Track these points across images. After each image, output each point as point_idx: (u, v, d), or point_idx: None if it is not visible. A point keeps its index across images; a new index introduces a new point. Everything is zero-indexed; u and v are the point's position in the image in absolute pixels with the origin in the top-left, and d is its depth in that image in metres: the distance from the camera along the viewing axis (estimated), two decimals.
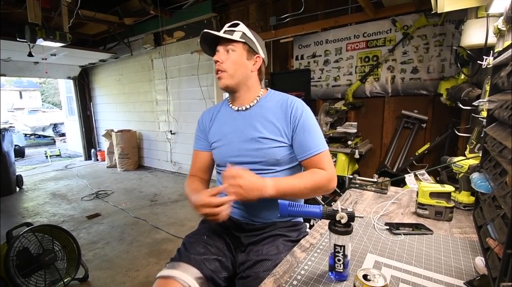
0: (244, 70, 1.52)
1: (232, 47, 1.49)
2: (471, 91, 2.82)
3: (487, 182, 1.21)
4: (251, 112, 1.56)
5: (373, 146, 4.45)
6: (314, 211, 1.04)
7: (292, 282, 1.03)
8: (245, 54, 1.52)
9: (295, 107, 1.49)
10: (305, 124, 1.46)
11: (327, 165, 1.45)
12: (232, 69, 1.49)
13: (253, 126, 1.51)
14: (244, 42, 1.50)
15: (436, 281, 1.00)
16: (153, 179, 7.08)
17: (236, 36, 1.48)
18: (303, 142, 1.46)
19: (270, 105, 1.55)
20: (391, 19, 4.05)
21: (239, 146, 1.52)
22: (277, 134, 1.47)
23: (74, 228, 4.30)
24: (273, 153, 1.46)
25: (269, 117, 1.51)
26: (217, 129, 1.63)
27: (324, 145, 1.47)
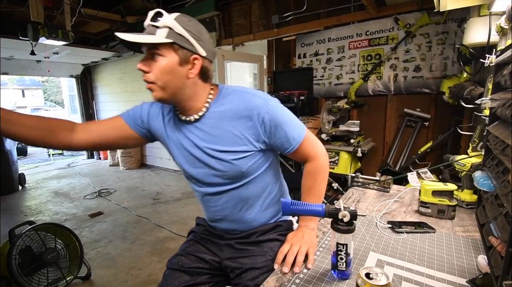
0: (178, 80, 1.18)
1: (157, 52, 1.14)
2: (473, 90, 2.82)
3: (489, 181, 1.21)
4: (201, 124, 1.29)
5: (376, 145, 4.45)
6: (316, 210, 1.04)
7: (295, 281, 1.03)
8: (177, 58, 1.15)
9: (257, 108, 1.22)
10: (275, 124, 1.23)
11: (314, 149, 1.35)
12: (161, 80, 1.17)
13: (207, 140, 1.28)
14: (173, 42, 1.13)
15: (439, 280, 1.00)
16: (155, 177, 7.09)
17: (160, 35, 1.12)
18: (281, 141, 1.27)
19: (224, 110, 1.27)
20: (393, 17, 4.04)
21: (199, 162, 1.32)
22: (239, 143, 1.26)
23: (77, 226, 4.31)
24: (236, 168, 1.27)
25: (224, 126, 1.26)
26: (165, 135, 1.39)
27: (302, 129, 1.30)
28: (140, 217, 4.62)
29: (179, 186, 6.18)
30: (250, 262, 1.30)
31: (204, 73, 1.24)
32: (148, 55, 1.16)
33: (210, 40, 1.27)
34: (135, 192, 5.99)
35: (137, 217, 4.63)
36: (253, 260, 1.31)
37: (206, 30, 1.25)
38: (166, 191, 5.92)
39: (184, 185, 6.20)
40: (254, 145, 1.27)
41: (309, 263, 1.14)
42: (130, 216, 4.69)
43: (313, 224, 1.32)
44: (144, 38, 1.11)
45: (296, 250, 1.18)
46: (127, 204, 5.21)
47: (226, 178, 1.31)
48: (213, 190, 1.35)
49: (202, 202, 1.45)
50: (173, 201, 5.33)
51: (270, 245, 1.36)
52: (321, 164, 1.36)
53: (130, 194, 5.89)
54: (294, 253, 1.17)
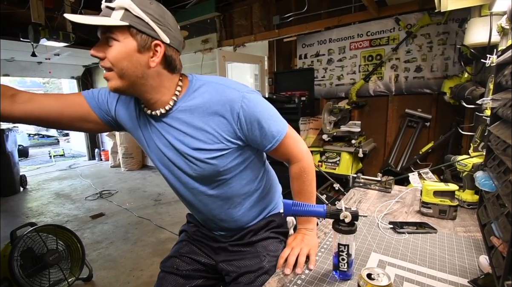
0: (137, 68, 1.03)
1: (112, 36, 0.99)
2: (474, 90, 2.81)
3: (491, 181, 1.21)
4: (170, 119, 1.16)
5: (377, 145, 4.44)
6: (318, 211, 1.04)
7: (297, 282, 1.04)
8: (134, 44, 1.01)
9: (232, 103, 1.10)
10: (252, 119, 1.11)
11: (296, 148, 1.25)
12: (118, 67, 1.02)
13: (178, 137, 1.16)
14: (129, 25, 0.98)
15: (440, 280, 1.00)
16: (157, 178, 7.09)
17: (115, 17, 0.97)
18: (261, 137, 1.15)
19: (195, 104, 1.13)
20: (394, 18, 4.04)
21: (171, 161, 1.21)
22: (213, 141, 1.14)
23: (78, 228, 4.32)
24: (211, 168, 1.17)
25: (196, 123, 1.13)
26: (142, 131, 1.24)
27: (283, 126, 1.19)
28: (141, 218, 4.62)
29: None
30: (245, 265, 1.28)
31: (169, 62, 1.09)
32: (103, 40, 1.02)
33: (177, 27, 1.12)
34: (136, 193, 5.99)
35: (138, 218, 4.64)
36: (248, 262, 1.29)
37: (171, 15, 1.10)
38: (167, 192, 5.92)
39: None
40: (230, 142, 1.15)
41: (311, 264, 1.14)
42: (132, 217, 4.69)
43: (311, 225, 1.31)
44: (96, 20, 0.96)
45: (297, 251, 1.18)
46: (128, 205, 5.21)
47: (203, 179, 1.21)
48: (193, 193, 1.26)
49: (186, 204, 1.38)
50: (174, 202, 5.33)
51: (264, 244, 1.34)
52: (306, 165, 1.27)
53: (132, 195, 5.89)
54: (296, 255, 1.17)
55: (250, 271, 1.25)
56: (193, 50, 6.35)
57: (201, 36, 6.12)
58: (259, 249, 1.32)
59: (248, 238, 1.35)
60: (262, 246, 1.33)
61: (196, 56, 6.32)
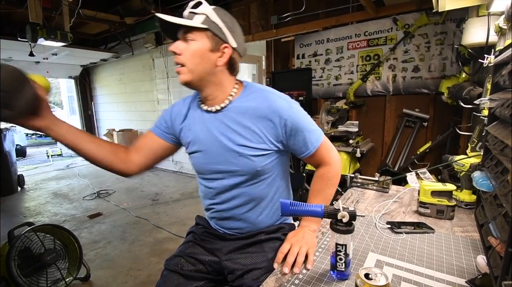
0: (207, 65, 1.23)
1: (191, 36, 1.20)
2: (472, 90, 2.82)
3: (488, 181, 1.21)
4: (222, 116, 1.31)
5: (375, 145, 4.45)
6: (315, 210, 1.04)
7: (294, 281, 1.03)
8: (208, 44, 1.21)
9: (281, 111, 1.25)
10: (296, 127, 1.26)
11: (329, 155, 1.37)
12: (191, 62, 1.22)
13: (227, 133, 1.29)
14: (207, 28, 1.20)
15: (438, 280, 1.00)
16: (154, 178, 7.08)
17: (197, 21, 1.19)
18: (299, 144, 1.30)
19: (247, 107, 1.29)
20: (392, 17, 4.05)
21: (215, 154, 1.32)
22: (258, 141, 1.28)
23: (76, 227, 4.31)
24: (250, 165, 1.29)
25: (245, 122, 1.28)
26: (188, 131, 1.40)
27: (320, 135, 1.33)
28: (139, 218, 4.61)
29: (178, 187, 6.17)
30: (251, 263, 1.30)
31: (232, 64, 1.29)
32: (182, 39, 1.23)
33: (243, 37, 1.34)
34: (134, 193, 5.98)
35: (136, 218, 4.63)
36: (254, 260, 1.31)
37: (239, 26, 1.33)
38: (165, 192, 5.92)
39: (183, 186, 6.20)
40: (272, 144, 1.29)
41: (309, 264, 1.14)
42: (129, 217, 4.68)
43: (315, 226, 1.32)
44: (182, 20, 1.19)
45: (296, 250, 1.18)
46: (126, 205, 5.21)
47: (240, 175, 1.31)
48: (225, 185, 1.35)
49: (209, 199, 1.44)
50: (172, 202, 5.33)
51: (271, 245, 1.37)
52: (334, 169, 1.37)
53: (129, 195, 5.88)
54: (295, 254, 1.17)
55: (256, 268, 1.27)
56: None
57: None
58: (266, 249, 1.35)
59: (255, 238, 1.39)
60: (269, 246, 1.36)
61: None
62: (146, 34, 6.79)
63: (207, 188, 1.42)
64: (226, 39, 1.24)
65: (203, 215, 1.60)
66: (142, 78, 7.82)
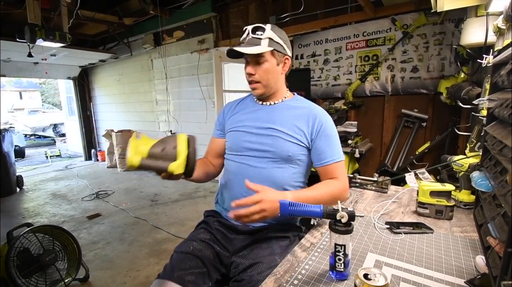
0: (276, 76, 1.52)
1: (262, 59, 1.46)
2: (471, 90, 2.82)
3: (487, 181, 1.21)
4: (274, 107, 1.58)
5: (373, 145, 4.45)
6: (314, 211, 1.04)
7: (293, 282, 1.03)
8: (275, 61, 1.49)
9: (319, 116, 1.51)
10: (326, 132, 1.49)
11: (342, 175, 1.48)
12: (265, 78, 1.49)
13: (272, 118, 1.53)
14: (273, 49, 1.46)
15: (437, 280, 1.00)
16: (153, 179, 7.07)
17: (264, 45, 1.44)
18: (322, 149, 1.48)
19: (295, 106, 1.57)
20: (390, 18, 4.05)
21: (253, 132, 1.53)
22: (295, 131, 1.48)
23: (75, 228, 4.30)
24: (286, 147, 1.47)
25: (290, 116, 1.52)
26: (236, 118, 1.64)
27: (341, 155, 1.51)
28: (138, 218, 4.61)
29: (177, 188, 6.16)
30: (257, 256, 1.34)
31: (288, 68, 1.59)
32: (253, 61, 1.48)
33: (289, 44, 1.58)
34: (133, 194, 5.97)
35: (135, 218, 4.62)
36: (260, 255, 1.35)
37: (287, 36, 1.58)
38: (164, 193, 5.91)
39: (182, 187, 6.20)
40: (305, 138, 1.49)
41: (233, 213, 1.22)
42: (128, 217, 4.68)
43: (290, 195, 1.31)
44: (254, 49, 1.43)
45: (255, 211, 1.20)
46: (125, 206, 5.20)
47: (272, 155, 1.48)
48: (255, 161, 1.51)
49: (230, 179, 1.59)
50: (171, 202, 5.33)
51: (281, 243, 1.42)
52: (342, 187, 1.46)
53: (128, 195, 5.87)
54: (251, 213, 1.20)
55: (262, 262, 1.30)
56: (189, 50, 6.35)
57: (197, 37, 6.11)
58: (274, 246, 1.39)
59: (265, 234, 1.47)
60: (278, 245, 1.40)
61: (193, 57, 6.32)
62: (145, 34, 6.78)
63: (234, 163, 1.58)
64: (286, 52, 1.52)
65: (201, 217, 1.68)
66: (141, 78, 7.81)
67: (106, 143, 8.41)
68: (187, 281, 1.31)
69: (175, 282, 1.31)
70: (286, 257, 1.20)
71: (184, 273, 1.34)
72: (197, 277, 1.35)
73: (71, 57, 7.61)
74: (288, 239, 1.46)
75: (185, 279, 1.32)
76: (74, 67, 9.04)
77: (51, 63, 8.06)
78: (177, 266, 1.37)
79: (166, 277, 1.34)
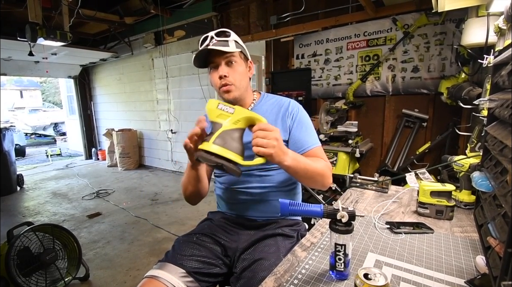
0: (245, 79, 1.52)
1: (234, 59, 1.45)
2: (471, 90, 2.82)
3: (487, 181, 1.21)
4: None
5: (374, 145, 4.45)
6: (315, 210, 1.04)
7: (293, 281, 1.03)
8: (244, 63, 1.51)
9: (291, 106, 1.56)
10: (301, 121, 1.53)
11: (324, 157, 1.50)
12: (238, 80, 1.46)
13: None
14: (240, 51, 1.48)
15: (437, 280, 1.00)
16: (154, 178, 7.09)
17: (232, 46, 1.43)
18: (299, 137, 1.50)
19: (266, 108, 1.58)
20: (391, 18, 4.04)
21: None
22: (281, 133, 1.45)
23: (75, 227, 4.31)
24: None
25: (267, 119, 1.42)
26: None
27: (318, 141, 1.53)
28: (138, 218, 4.62)
29: (177, 187, 6.17)
30: (262, 253, 1.33)
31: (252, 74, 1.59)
32: (225, 62, 1.44)
33: None
34: (133, 193, 5.98)
35: (135, 218, 4.63)
36: (265, 252, 1.34)
37: None
38: (164, 192, 5.92)
39: None
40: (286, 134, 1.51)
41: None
42: (128, 217, 4.69)
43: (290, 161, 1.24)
44: (227, 48, 1.41)
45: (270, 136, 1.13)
46: (125, 205, 5.21)
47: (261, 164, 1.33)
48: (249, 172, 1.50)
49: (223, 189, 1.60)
50: (171, 202, 5.34)
51: (286, 242, 1.43)
52: (328, 167, 1.46)
53: (128, 195, 5.88)
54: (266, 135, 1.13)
55: (265, 258, 1.30)
56: (190, 49, 6.35)
57: (198, 36, 6.09)
58: (280, 246, 1.39)
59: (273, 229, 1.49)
60: (284, 245, 1.41)
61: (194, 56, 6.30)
62: (146, 34, 6.79)
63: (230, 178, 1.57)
64: (248, 56, 1.55)
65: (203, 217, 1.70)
66: (142, 78, 7.82)
67: (107, 142, 8.42)
68: (188, 266, 1.33)
69: (175, 265, 1.33)
70: (286, 257, 1.20)
71: (186, 258, 1.36)
72: (200, 263, 1.36)
73: (72, 56, 7.61)
74: (293, 238, 1.48)
75: (186, 264, 1.34)
76: (75, 66, 9.05)
77: (52, 62, 8.06)
78: (178, 252, 1.40)
79: (167, 260, 1.37)
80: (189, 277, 1.30)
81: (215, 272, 1.38)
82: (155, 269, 1.32)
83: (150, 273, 1.31)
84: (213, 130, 1.11)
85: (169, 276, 1.28)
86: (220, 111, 1.13)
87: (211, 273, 1.36)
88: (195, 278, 1.31)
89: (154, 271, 1.31)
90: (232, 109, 1.13)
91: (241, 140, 1.14)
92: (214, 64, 1.46)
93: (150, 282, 1.27)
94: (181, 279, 1.28)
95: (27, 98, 24.24)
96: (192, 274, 1.31)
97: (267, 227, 1.50)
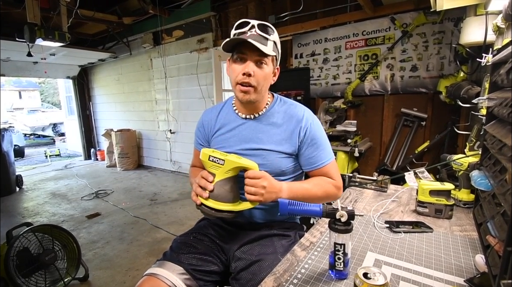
0: (268, 84, 1.41)
1: (265, 60, 1.33)
2: (470, 89, 2.82)
3: (487, 180, 1.21)
4: (258, 122, 1.47)
5: (373, 144, 4.46)
6: (314, 210, 1.04)
7: (293, 281, 1.03)
8: (272, 68, 1.40)
9: (305, 118, 1.44)
10: (315, 137, 1.44)
11: (335, 175, 1.47)
12: (260, 84, 1.34)
13: (259, 136, 1.44)
14: (275, 55, 1.37)
15: (437, 279, 1.00)
16: (152, 178, 7.08)
17: (270, 47, 1.31)
18: (311, 155, 1.44)
19: (278, 115, 1.47)
20: (390, 17, 4.05)
21: (243, 153, 1.40)
22: (283, 145, 1.42)
23: (74, 227, 4.30)
24: (278, 164, 1.42)
25: (276, 128, 1.44)
26: (221, 138, 1.52)
27: (331, 155, 1.49)
28: (137, 218, 4.61)
29: (176, 187, 6.17)
30: (259, 253, 1.34)
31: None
32: (255, 60, 1.32)
33: None
34: (132, 193, 5.97)
35: (134, 218, 4.62)
36: (263, 251, 1.35)
37: None
38: (163, 192, 5.92)
39: (181, 186, 6.20)
40: (294, 147, 1.44)
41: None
42: (128, 217, 4.68)
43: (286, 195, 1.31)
44: (266, 48, 1.28)
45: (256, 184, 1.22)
46: (124, 205, 5.20)
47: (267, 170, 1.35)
48: None
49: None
50: (170, 202, 5.33)
51: (283, 242, 1.42)
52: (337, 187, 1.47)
53: (128, 195, 5.87)
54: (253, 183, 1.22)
55: (263, 259, 1.30)
56: (188, 49, 6.34)
57: (196, 36, 6.11)
58: (277, 246, 1.38)
59: (268, 231, 1.47)
60: (280, 244, 1.40)
61: (192, 56, 6.32)
62: (144, 34, 6.78)
63: None
64: (278, 61, 1.45)
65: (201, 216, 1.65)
66: (140, 78, 7.80)
67: (106, 142, 8.41)
68: (186, 263, 1.33)
69: (173, 263, 1.34)
70: (286, 256, 1.20)
71: (184, 256, 1.37)
72: (197, 261, 1.36)
73: (71, 57, 7.60)
74: (290, 237, 1.47)
75: (184, 261, 1.34)
76: (74, 66, 9.03)
77: (50, 63, 8.06)
78: (176, 251, 1.40)
79: (165, 259, 1.38)
80: (187, 274, 1.31)
81: (212, 270, 1.38)
82: (154, 267, 1.33)
83: (149, 271, 1.32)
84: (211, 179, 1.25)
85: (168, 273, 1.28)
86: (211, 163, 1.23)
87: (207, 270, 1.36)
88: (192, 276, 1.31)
89: (153, 269, 1.32)
90: (222, 160, 1.21)
91: (234, 187, 1.26)
92: (243, 55, 1.33)
93: (150, 280, 1.28)
94: (179, 276, 1.28)
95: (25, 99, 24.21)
96: (190, 271, 1.31)
97: (264, 229, 1.49)
